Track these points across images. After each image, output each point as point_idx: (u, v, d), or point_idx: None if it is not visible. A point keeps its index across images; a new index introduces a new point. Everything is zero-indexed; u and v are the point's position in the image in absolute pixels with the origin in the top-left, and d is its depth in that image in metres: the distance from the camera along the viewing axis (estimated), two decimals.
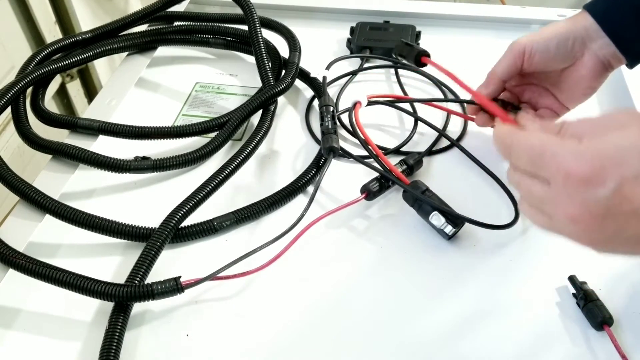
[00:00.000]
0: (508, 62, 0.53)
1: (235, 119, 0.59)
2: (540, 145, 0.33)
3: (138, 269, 0.46)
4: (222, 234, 0.52)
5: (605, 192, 0.29)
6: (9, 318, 0.46)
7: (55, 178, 0.56)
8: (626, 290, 0.46)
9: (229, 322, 0.45)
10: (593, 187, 0.30)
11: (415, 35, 0.72)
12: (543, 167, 0.33)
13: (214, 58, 0.74)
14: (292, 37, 0.68)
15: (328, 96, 0.60)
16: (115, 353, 0.41)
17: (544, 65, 0.52)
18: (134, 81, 0.69)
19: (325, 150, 0.54)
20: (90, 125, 0.59)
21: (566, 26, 0.50)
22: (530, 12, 0.77)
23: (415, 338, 0.44)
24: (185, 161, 0.56)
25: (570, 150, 0.31)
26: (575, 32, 0.50)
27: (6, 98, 0.58)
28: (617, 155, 0.30)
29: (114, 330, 0.42)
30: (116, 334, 0.42)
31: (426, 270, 0.48)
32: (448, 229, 0.48)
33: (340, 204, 0.50)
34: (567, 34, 0.50)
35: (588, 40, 0.49)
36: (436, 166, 0.58)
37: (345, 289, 0.47)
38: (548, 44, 0.50)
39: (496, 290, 0.47)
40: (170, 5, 0.70)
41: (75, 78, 1.21)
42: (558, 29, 0.51)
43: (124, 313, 0.44)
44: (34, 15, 1.02)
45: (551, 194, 0.32)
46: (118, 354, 0.41)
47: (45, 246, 0.51)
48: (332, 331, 0.44)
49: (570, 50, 0.50)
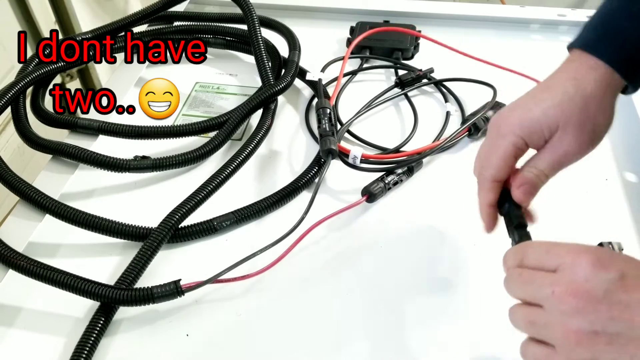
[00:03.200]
0: (499, 164, 0.40)
1: (234, 118, 0.59)
2: (549, 243, 0.35)
3: (130, 271, 0.46)
4: (222, 234, 0.52)
5: (610, 276, 0.31)
6: (9, 317, 0.46)
7: (55, 178, 0.56)
8: None
9: (229, 322, 0.45)
10: (599, 270, 0.31)
11: (414, 36, 0.72)
12: (551, 256, 0.34)
13: (214, 58, 0.74)
14: (291, 36, 0.68)
15: (325, 98, 0.60)
16: (87, 355, 0.41)
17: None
18: (133, 81, 0.69)
19: (323, 152, 0.54)
20: (90, 125, 0.59)
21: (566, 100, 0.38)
22: (530, 11, 0.77)
23: (416, 338, 0.44)
24: (185, 160, 0.56)
25: (580, 245, 0.33)
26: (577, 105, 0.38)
27: (6, 98, 0.58)
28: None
29: (91, 332, 0.42)
30: (92, 336, 0.42)
31: (427, 271, 0.48)
32: None
33: (341, 206, 0.50)
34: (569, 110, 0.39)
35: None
36: (436, 168, 0.57)
37: (345, 290, 0.47)
38: (547, 126, 0.39)
39: (500, 290, 0.47)
40: (171, 6, 0.70)
41: (75, 78, 1.20)
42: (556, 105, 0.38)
43: (105, 316, 0.44)
44: (33, 15, 1.02)
45: (556, 275, 0.33)
46: (91, 356, 0.42)
47: (45, 246, 0.51)
48: (333, 332, 0.44)
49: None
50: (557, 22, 0.76)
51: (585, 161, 0.56)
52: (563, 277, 0.32)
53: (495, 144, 0.41)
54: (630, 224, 0.51)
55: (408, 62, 0.71)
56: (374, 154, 0.58)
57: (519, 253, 0.36)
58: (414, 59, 0.72)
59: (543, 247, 0.35)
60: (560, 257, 0.33)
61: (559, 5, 0.79)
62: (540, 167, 0.40)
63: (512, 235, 0.40)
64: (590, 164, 0.56)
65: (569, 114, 0.38)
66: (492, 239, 0.50)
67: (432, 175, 0.57)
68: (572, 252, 0.33)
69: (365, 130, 0.61)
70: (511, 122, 0.40)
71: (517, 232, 0.40)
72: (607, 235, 0.50)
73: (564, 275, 0.32)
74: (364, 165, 0.54)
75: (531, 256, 0.35)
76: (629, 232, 0.50)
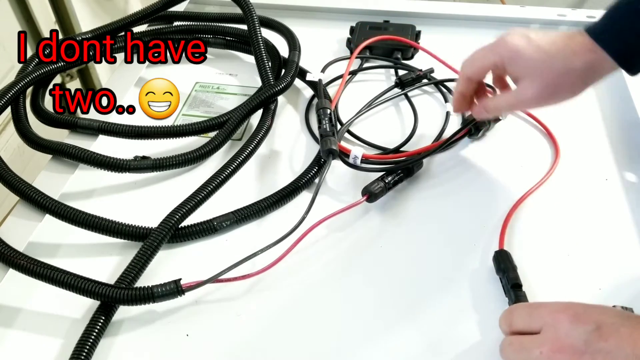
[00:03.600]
0: (477, 69, 0.50)
1: (234, 118, 0.59)
2: (532, 305, 0.41)
3: (130, 271, 0.46)
4: (222, 234, 0.52)
5: (587, 328, 0.35)
6: (9, 317, 0.46)
7: (55, 178, 0.56)
8: (627, 291, 0.46)
9: (229, 322, 0.45)
10: (577, 324, 0.35)
11: (415, 35, 0.72)
12: (534, 318, 0.38)
13: (214, 58, 0.74)
14: (291, 36, 0.68)
15: (325, 99, 0.60)
16: (87, 354, 0.41)
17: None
18: (133, 81, 0.69)
19: (324, 152, 0.54)
20: (90, 125, 0.59)
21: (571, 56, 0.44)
22: (530, 11, 0.77)
23: (416, 338, 0.44)
24: (185, 160, 0.56)
25: (558, 303, 0.39)
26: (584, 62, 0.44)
27: (6, 98, 0.58)
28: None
29: (91, 331, 0.42)
30: (92, 336, 0.42)
31: (427, 271, 0.48)
32: None
33: (341, 206, 0.50)
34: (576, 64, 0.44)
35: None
36: (436, 168, 0.57)
37: (345, 290, 0.47)
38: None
39: (501, 290, 0.47)
40: (171, 6, 0.70)
41: (75, 78, 1.20)
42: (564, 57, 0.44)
43: (105, 315, 0.44)
44: (33, 15, 1.02)
45: (541, 336, 0.37)
46: (90, 355, 0.42)
47: (45, 246, 0.51)
48: (333, 332, 0.44)
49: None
50: (557, 22, 0.76)
51: (585, 161, 0.57)
52: (547, 336, 0.36)
53: (486, 54, 0.49)
54: (631, 224, 0.51)
55: (408, 62, 0.71)
56: (374, 153, 0.57)
57: (508, 318, 0.40)
58: (414, 59, 0.71)
59: (526, 310, 0.40)
60: (542, 317, 0.38)
61: (559, 5, 0.79)
62: (500, 102, 0.51)
63: (509, 295, 0.45)
64: (590, 164, 0.57)
65: (547, 73, 0.45)
66: (492, 239, 0.50)
67: (433, 174, 0.57)
68: (552, 312, 0.37)
69: (365, 130, 0.61)
70: (508, 48, 0.47)
71: (514, 292, 0.44)
72: (607, 235, 0.50)
73: (547, 335, 0.36)
74: (364, 165, 0.54)
75: (518, 319, 0.39)
76: (629, 232, 0.50)
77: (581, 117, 0.62)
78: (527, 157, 0.58)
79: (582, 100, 0.64)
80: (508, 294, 0.45)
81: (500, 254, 0.47)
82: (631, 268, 0.47)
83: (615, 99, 0.64)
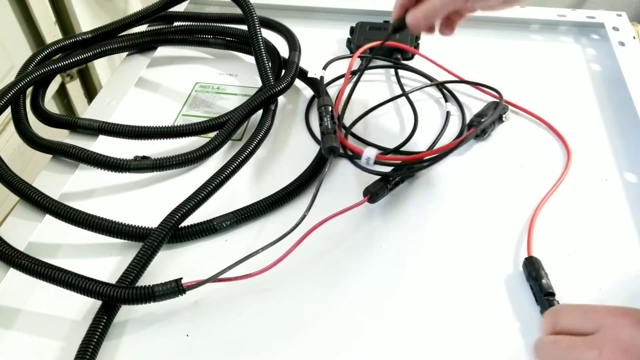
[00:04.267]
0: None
1: (235, 118, 0.59)
2: (585, 306, 0.36)
3: (130, 271, 0.46)
4: (222, 234, 0.52)
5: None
6: (9, 318, 0.46)
7: (55, 178, 0.56)
8: (627, 291, 0.46)
9: (229, 322, 0.45)
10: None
11: (415, 36, 0.72)
12: (589, 319, 0.35)
13: (214, 58, 0.74)
14: (291, 36, 0.68)
15: (326, 96, 0.60)
16: (92, 354, 0.41)
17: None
18: (133, 81, 0.69)
19: (325, 150, 0.54)
20: (90, 125, 0.59)
21: None
22: (530, 12, 0.77)
23: (416, 338, 0.44)
24: (185, 161, 0.56)
25: (613, 306, 0.35)
26: None
27: (6, 98, 0.58)
28: None
29: (94, 331, 0.42)
30: (96, 335, 0.42)
31: (428, 271, 0.48)
32: None
33: (342, 206, 0.50)
34: None
35: None
36: (437, 168, 0.57)
37: (346, 290, 0.47)
38: None
39: (500, 290, 0.47)
40: (171, 6, 0.70)
41: (75, 78, 1.20)
42: None
43: (107, 315, 0.44)
44: (34, 15, 1.02)
45: (598, 337, 0.34)
46: (95, 355, 0.42)
47: (45, 246, 0.51)
48: (333, 332, 0.44)
49: None
50: (557, 23, 0.76)
51: (585, 161, 0.57)
52: (607, 338, 0.33)
53: None
54: (631, 223, 0.51)
55: (408, 62, 0.71)
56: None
57: (554, 317, 0.36)
58: (414, 59, 0.72)
59: (579, 310, 0.36)
60: (599, 319, 0.34)
61: (559, 5, 0.79)
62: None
63: (541, 303, 0.44)
64: (590, 164, 0.57)
65: None
66: (492, 239, 0.50)
67: (434, 175, 0.57)
68: (611, 315, 0.34)
69: (365, 130, 0.61)
70: None
71: (547, 300, 0.44)
72: (607, 235, 0.50)
73: (607, 337, 0.33)
74: (375, 168, 0.52)
75: (567, 319, 0.36)
76: (629, 232, 0.50)
77: (581, 117, 0.62)
78: (528, 157, 0.58)
79: (582, 100, 0.64)
80: (541, 302, 0.44)
81: (529, 260, 0.47)
82: (631, 268, 0.48)
83: (615, 99, 0.64)
